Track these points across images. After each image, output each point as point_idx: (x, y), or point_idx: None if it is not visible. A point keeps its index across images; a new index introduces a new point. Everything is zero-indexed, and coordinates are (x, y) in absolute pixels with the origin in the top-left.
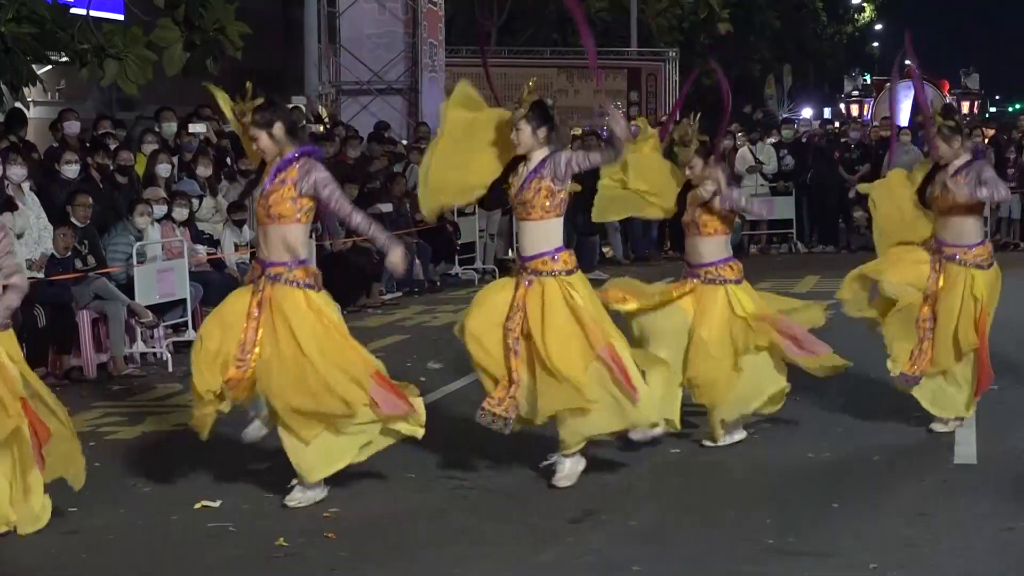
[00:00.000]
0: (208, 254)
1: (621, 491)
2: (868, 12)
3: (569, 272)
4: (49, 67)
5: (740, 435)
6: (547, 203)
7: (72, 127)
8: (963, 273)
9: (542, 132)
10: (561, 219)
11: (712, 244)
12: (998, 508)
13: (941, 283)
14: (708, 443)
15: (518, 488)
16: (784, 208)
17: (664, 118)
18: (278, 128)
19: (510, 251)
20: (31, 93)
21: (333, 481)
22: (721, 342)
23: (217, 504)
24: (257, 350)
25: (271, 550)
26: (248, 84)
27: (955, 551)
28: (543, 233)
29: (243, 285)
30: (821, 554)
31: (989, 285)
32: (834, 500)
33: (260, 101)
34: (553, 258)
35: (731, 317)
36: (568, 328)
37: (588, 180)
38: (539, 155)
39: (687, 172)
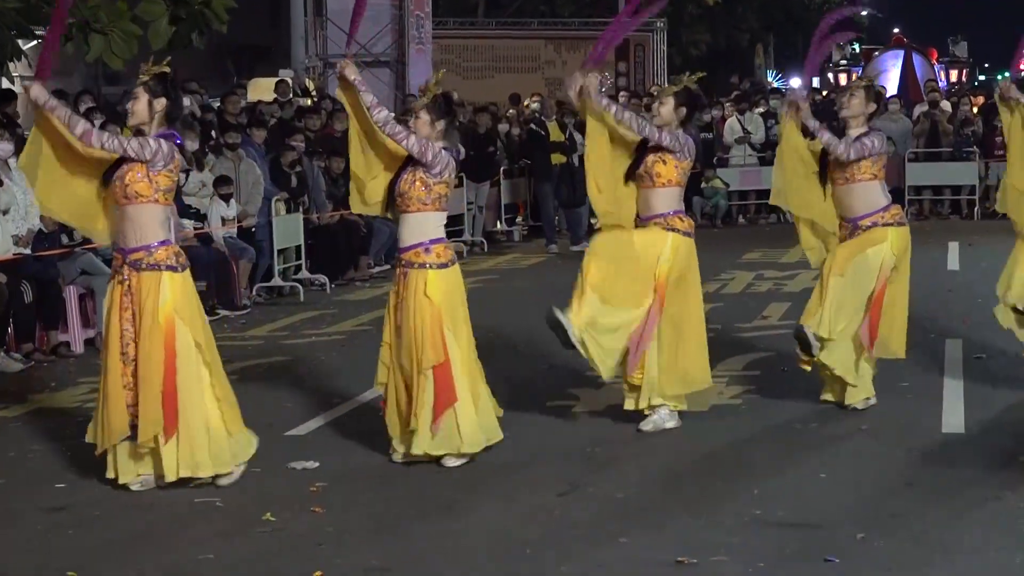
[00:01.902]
0: (195, 228)
1: (608, 463)
2: None
3: (441, 266)
4: (34, 42)
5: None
6: (423, 196)
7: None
8: (879, 234)
9: (440, 124)
10: (442, 213)
11: (665, 196)
12: (986, 478)
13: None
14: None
15: (504, 462)
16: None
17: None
18: (159, 103)
19: (498, 223)
20: (16, 68)
21: (323, 457)
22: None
23: (204, 479)
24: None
25: (258, 525)
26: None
27: (942, 521)
28: (417, 222)
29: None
30: (808, 525)
31: (904, 242)
32: (821, 471)
33: (164, 70)
34: (426, 249)
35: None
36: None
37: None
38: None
39: (656, 107)
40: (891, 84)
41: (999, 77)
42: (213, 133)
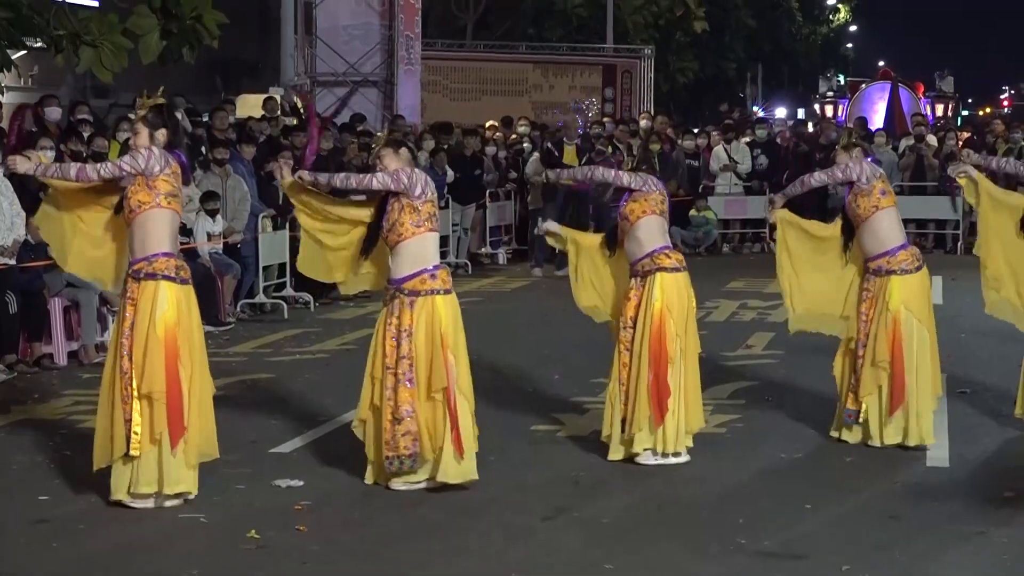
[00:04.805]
0: (180, 243)
1: (594, 489)
2: (843, 13)
3: (447, 291)
4: (23, 52)
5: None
6: (415, 219)
7: (53, 113)
8: (882, 284)
9: (403, 152)
10: (436, 233)
11: (647, 228)
12: (969, 512)
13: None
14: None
15: (491, 484)
16: (757, 207)
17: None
18: (161, 135)
19: (483, 247)
20: (4, 78)
21: (307, 475)
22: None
23: (189, 495)
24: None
25: (242, 542)
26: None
27: (926, 554)
28: (416, 246)
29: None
30: (793, 555)
31: (911, 290)
32: (806, 502)
33: (160, 102)
34: (432, 276)
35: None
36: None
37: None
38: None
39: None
40: (877, 117)
41: (981, 113)
42: (203, 149)
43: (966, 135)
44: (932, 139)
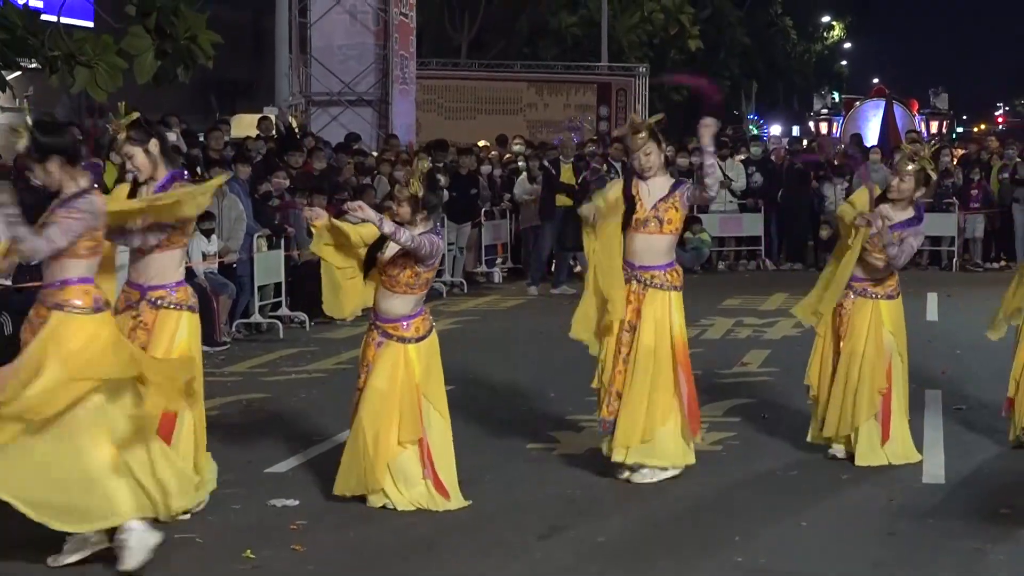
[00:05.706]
0: None
1: (589, 507)
2: (837, 31)
3: (419, 339)
4: (17, 73)
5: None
6: (412, 282)
7: None
8: (869, 306)
9: (420, 216)
10: (424, 293)
11: (669, 243)
12: (967, 528)
13: (846, 322)
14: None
15: (486, 503)
16: (752, 225)
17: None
18: (153, 145)
19: (479, 265)
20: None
21: (302, 494)
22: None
23: (183, 515)
24: None
25: (238, 562)
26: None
27: (923, 571)
28: (400, 302)
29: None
30: (789, 572)
31: (893, 316)
32: (803, 518)
33: (134, 116)
34: (405, 326)
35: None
36: (389, 406)
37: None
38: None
39: (643, 159)
40: (872, 134)
41: (976, 130)
42: (198, 169)
43: (961, 152)
44: None
